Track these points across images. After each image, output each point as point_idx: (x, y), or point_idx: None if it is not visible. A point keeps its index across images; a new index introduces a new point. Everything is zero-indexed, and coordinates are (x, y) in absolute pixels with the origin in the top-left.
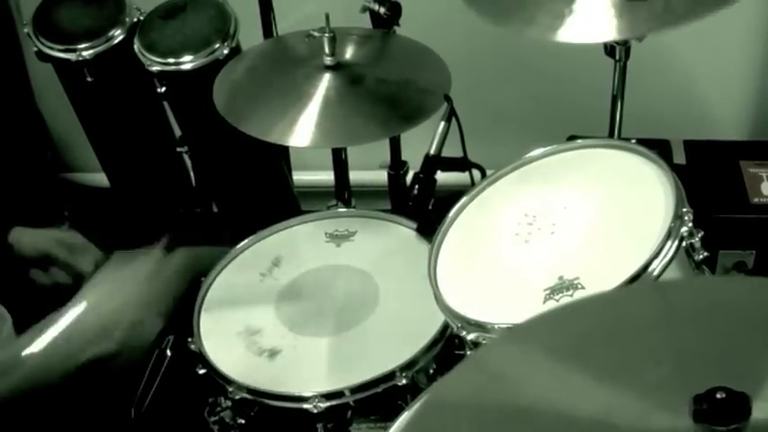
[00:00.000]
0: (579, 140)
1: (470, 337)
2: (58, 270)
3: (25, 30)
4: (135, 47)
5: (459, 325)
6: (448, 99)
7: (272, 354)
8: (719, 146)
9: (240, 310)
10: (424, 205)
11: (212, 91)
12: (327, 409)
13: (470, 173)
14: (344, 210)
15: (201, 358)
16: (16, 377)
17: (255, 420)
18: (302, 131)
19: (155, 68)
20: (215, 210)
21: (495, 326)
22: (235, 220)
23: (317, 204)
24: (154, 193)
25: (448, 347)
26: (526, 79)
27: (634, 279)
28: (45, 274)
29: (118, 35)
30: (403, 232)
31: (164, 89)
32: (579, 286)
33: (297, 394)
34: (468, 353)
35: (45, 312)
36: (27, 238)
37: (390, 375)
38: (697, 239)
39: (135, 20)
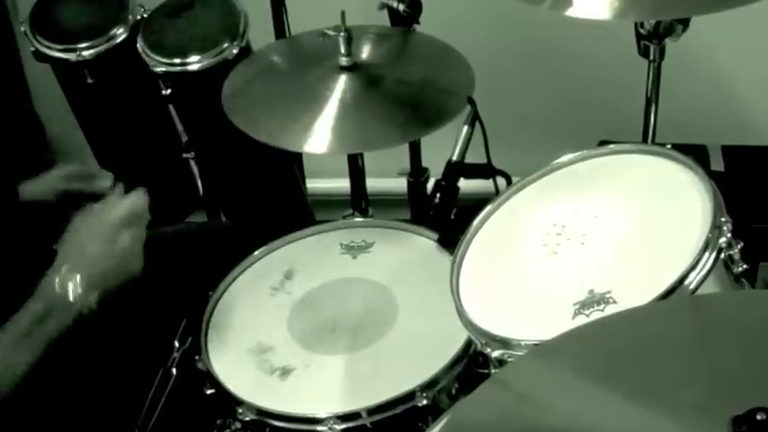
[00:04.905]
0: (611, 145)
1: (495, 354)
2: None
3: (22, 28)
4: (138, 46)
5: (484, 341)
6: (471, 101)
7: (285, 372)
8: (759, 151)
9: (250, 327)
10: (445, 215)
11: (221, 93)
12: (343, 431)
13: (495, 180)
14: (361, 219)
15: (209, 377)
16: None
17: None
18: (317, 137)
19: (159, 69)
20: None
21: (522, 342)
22: (244, 230)
23: (332, 214)
24: (158, 202)
25: (471, 366)
26: (554, 80)
27: (669, 293)
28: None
29: (120, 34)
30: (423, 243)
31: (169, 91)
32: (611, 300)
33: (311, 416)
34: (493, 371)
35: None
36: (37, 188)
37: (410, 395)
38: (736, 251)
39: (138, 18)
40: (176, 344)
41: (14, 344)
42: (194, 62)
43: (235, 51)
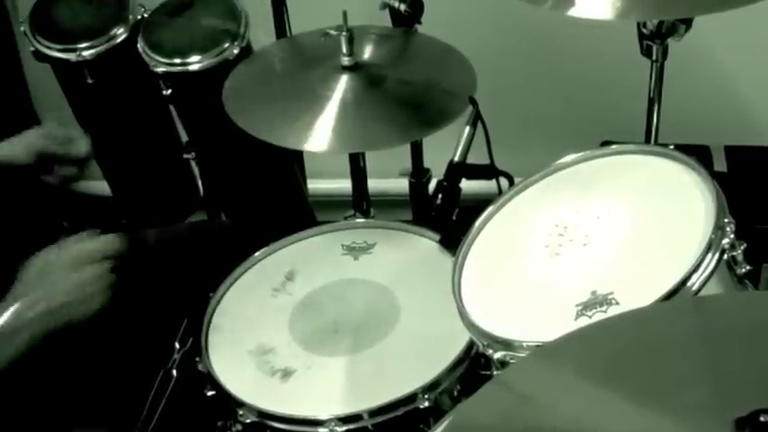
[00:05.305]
0: (613, 146)
1: (497, 356)
2: (61, 165)
3: (21, 28)
4: (139, 46)
5: (486, 343)
6: (473, 102)
7: (286, 374)
8: (763, 152)
9: (251, 328)
10: (447, 215)
11: (221, 93)
12: None
13: (497, 181)
14: (363, 220)
15: (210, 379)
16: None
17: None
18: (318, 136)
19: (160, 69)
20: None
21: (524, 344)
22: (245, 230)
23: (333, 215)
24: (159, 203)
25: (473, 367)
26: (557, 81)
27: (672, 294)
28: (51, 174)
29: (120, 34)
30: (425, 244)
31: (169, 91)
32: (613, 302)
33: (312, 418)
34: (495, 373)
35: None
36: (14, 148)
37: (412, 397)
38: (739, 252)
39: (138, 17)
40: (177, 345)
41: None
42: (195, 62)
43: (235, 51)
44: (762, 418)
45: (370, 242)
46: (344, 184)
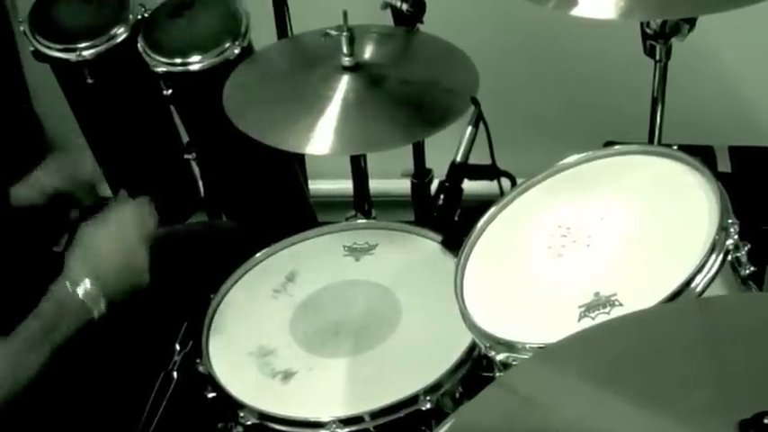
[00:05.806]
0: (617, 146)
1: (499, 357)
2: (75, 194)
3: (21, 27)
4: (139, 46)
5: (488, 345)
6: (475, 102)
7: (287, 376)
8: (767, 152)
9: (252, 329)
10: (449, 216)
11: (222, 94)
12: None
13: (499, 181)
14: (364, 221)
15: (211, 380)
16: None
17: None
18: (319, 138)
19: (160, 69)
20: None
21: (527, 346)
22: (246, 230)
23: (334, 215)
24: (159, 204)
25: (475, 369)
26: (559, 81)
27: (675, 296)
28: (72, 209)
29: (120, 33)
30: (427, 245)
31: (170, 92)
32: (616, 303)
33: (313, 419)
34: (498, 375)
35: None
36: (30, 192)
37: (413, 399)
38: (743, 253)
39: (139, 17)
40: (177, 347)
41: (27, 347)
42: (195, 62)
43: (236, 51)
44: (766, 421)
45: (372, 243)
46: (346, 185)
